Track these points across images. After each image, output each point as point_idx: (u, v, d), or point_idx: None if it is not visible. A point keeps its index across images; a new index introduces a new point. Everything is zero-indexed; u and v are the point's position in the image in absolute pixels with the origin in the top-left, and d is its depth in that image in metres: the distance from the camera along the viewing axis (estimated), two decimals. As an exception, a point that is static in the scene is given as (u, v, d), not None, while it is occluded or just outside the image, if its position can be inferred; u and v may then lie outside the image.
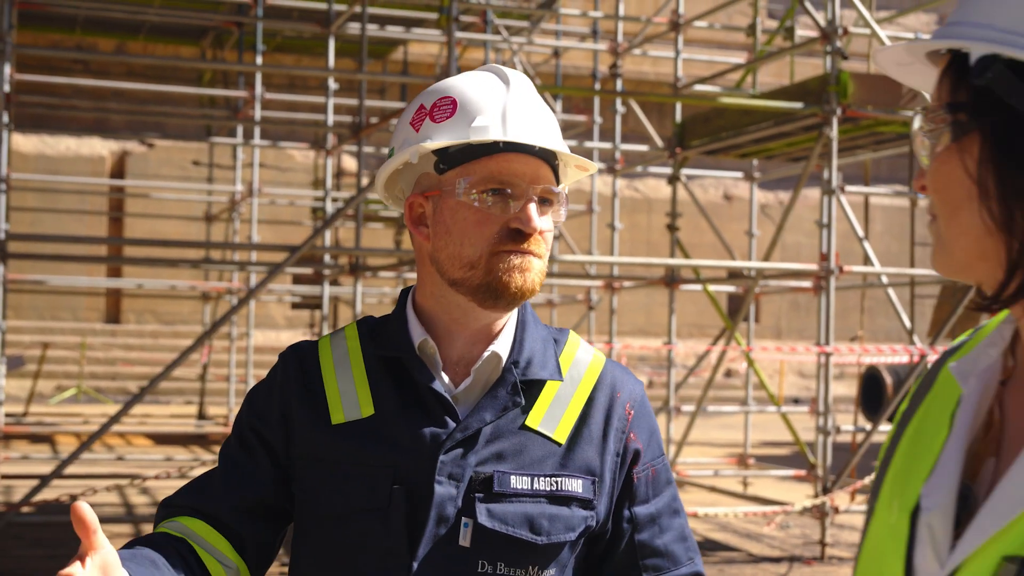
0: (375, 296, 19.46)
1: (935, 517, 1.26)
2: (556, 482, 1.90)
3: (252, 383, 8.81)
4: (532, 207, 1.87)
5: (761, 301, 27.68)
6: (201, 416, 18.44)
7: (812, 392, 25.67)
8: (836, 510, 9.46)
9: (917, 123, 1.29)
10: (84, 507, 1.58)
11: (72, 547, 1.74)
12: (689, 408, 11.87)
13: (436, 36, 14.67)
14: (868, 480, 10.08)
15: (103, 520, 9.54)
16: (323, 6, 12.08)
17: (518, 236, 1.87)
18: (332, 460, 1.89)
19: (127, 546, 1.83)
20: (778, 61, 11.47)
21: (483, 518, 1.85)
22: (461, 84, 1.95)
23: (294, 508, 1.97)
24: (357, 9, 10.78)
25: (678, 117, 11.57)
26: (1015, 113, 1.18)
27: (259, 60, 13.78)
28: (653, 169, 14.16)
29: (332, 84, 11.31)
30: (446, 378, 1.93)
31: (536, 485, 1.88)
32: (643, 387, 2.03)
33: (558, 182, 1.95)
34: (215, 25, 15.35)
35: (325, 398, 1.94)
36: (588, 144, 13.02)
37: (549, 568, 1.90)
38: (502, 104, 1.90)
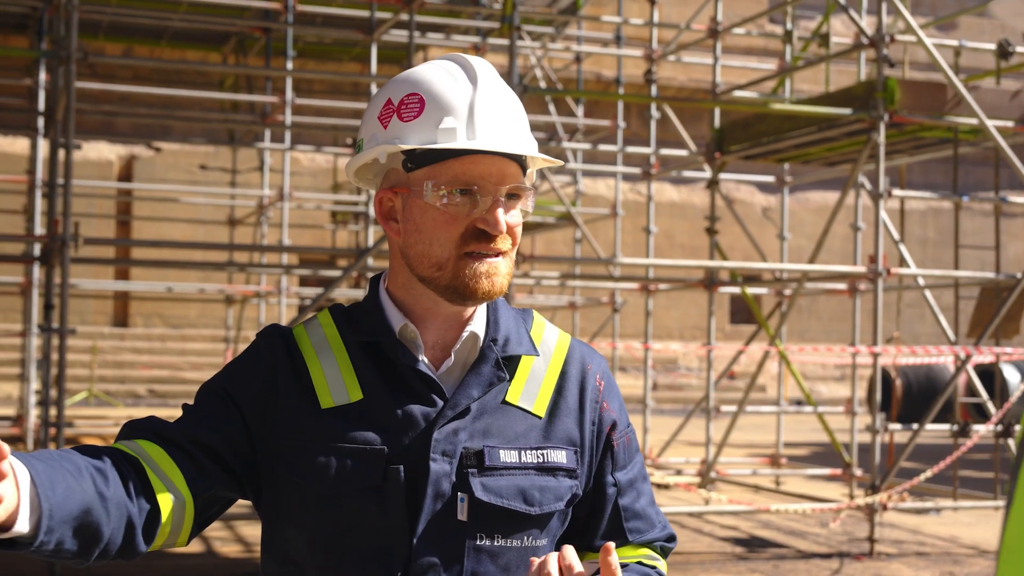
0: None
1: None
2: (542, 454, 1.95)
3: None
4: (499, 210, 1.90)
5: (763, 303, 27.89)
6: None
7: (814, 394, 25.88)
8: (884, 508, 9.65)
9: None
10: None
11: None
12: (730, 409, 12.03)
13: (459, 42, 14.81)
14: (918, 480, 10.27)
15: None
16: (364, 13, 12.19)
17: (484, 236, 1.90)
18: (324, 442, 1.90)
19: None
20: (812, 67, 11.63)
21: (479, 492, 1.89)
22: (428, 79, 1.95)
23: (270, 484, 1.96)
24: (404, 17, 10.91)
25: (716, 122, 11.73)
26: None
27: (289, 65, 13.89)
28: (664, 173, 14.32)
29: (375, 90, 11.41)
30: (427, 360, 1.97)
31: (524, 458, 1.94)
32: (607, 362, 2.12)
33: (525, 171, 1.98)
34: (238, 30, 15.45)
35: (311, 383, 1.95)
36: (629, 149, 13.16)
37: (542, 537, 1.96)
38: (469, 103, 1.91)
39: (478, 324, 2.00)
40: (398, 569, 1.87)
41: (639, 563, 2.04)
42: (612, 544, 1.78)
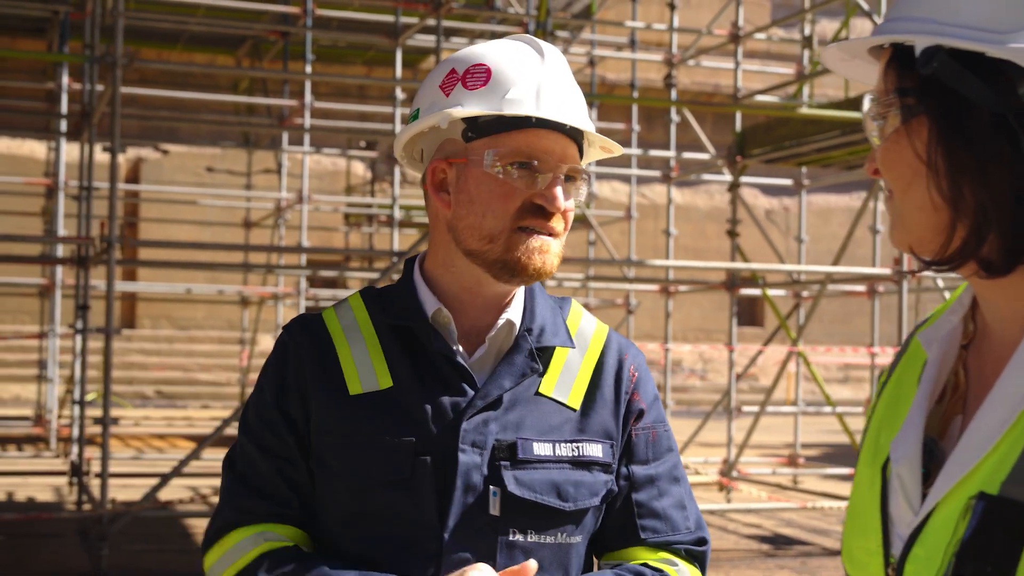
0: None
1: (903, 468, 1.36)
2: (577, 447, 1.90)
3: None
4: (559, 187, 1.87)
5: (765, 305, 28.07)
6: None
7: (816, 395, 26.04)
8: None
9: (866, 107, 1.45)
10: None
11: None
12: (752, 409, 12.20)
13: (460, 43, 14.95)
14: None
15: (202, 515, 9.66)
16: (389, 18, 12.33)
17: (541, 212, 1.86)
18: (352, 431, 1.87)
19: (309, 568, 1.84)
20: (829, 72, 11.79)
21: (512, 486, 1.85)
22: (496, 53, 1.93)
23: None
24: (430, 22, 11.05)
25: (737, 127, 11.90)
26: (960, 96, 1.29)
27: (308, 69, 14.02)
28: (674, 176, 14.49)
29: (400, 94, 11.57)
30: (460, 347, 1.92)
31: (558, 451, 1.89)
32: (644, 356, 2.08)
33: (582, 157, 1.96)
34: (254, 34, 15.58)
35: (340, 368, 1.91)
36: (653, 153, 13.32)
37: (576, 534, 1.91)
38: (537, 78, 1.88)
39: (514, 311, 1.96)
40: (430, 564, 1.82)
41: (645, 565, 1.94)
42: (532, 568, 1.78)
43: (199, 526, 9.52)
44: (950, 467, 1.29)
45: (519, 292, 1.98)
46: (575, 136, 1.91)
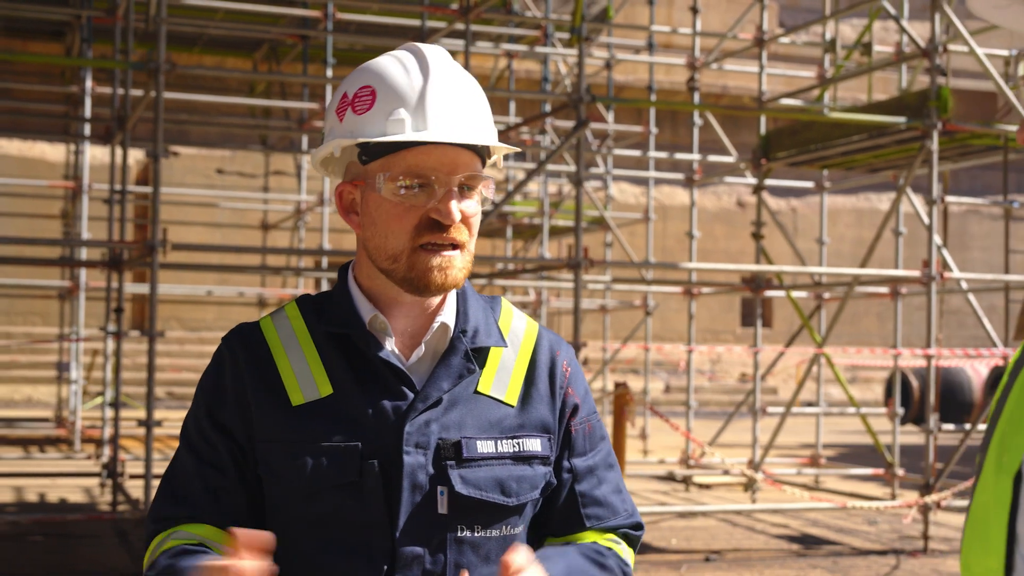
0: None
1: None
2: (517, 443, 1.96)
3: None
4: (452, 201, 1.89)
5: (774, 306, 28.19)
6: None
7: (827, 397, 26.09)
8: (939, 506, 9.92)
9: (1022, 69, 1.30)
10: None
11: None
12: (777, 410, 12.29)
13: (488, 49, 15.04)
14: (969, 484, 10.55)
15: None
16: (415, 22, 12.41)
17: (438, 226, 1.89)
18: (297, 440, 1.90)
19: (185, 557, 1.85)
20: (854, 75, 11.90)
21: (459, 485, 1.90)
22: (381, 71, 1.94)
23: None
24: (459, 27, 11.14)
25: (762, 130, 12.00)
26: None
27: (329, 73, 14.09)
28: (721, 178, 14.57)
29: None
30: (397, 351, 1.97)
31: (500, 448, 1.94)
32: (574, 350, 2.15)
33: (484, 158, 1.97)
34: (271, 38, 15.64)
35: (280, 379, 1.94)
36: (679, 156, 13.41)
37: (519, 525, 1.98)
38: (420, 93, 1.90)
39: (448, 314, 2.00)
40: (383, 562, 1.87)
41: (593, 542, 2.03)
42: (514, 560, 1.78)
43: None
44: None
45: (450, 295, 2.02)
46: (467, 143, 1.91)
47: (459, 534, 1.90)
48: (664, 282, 13.89)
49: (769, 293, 12.01)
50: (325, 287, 15.51)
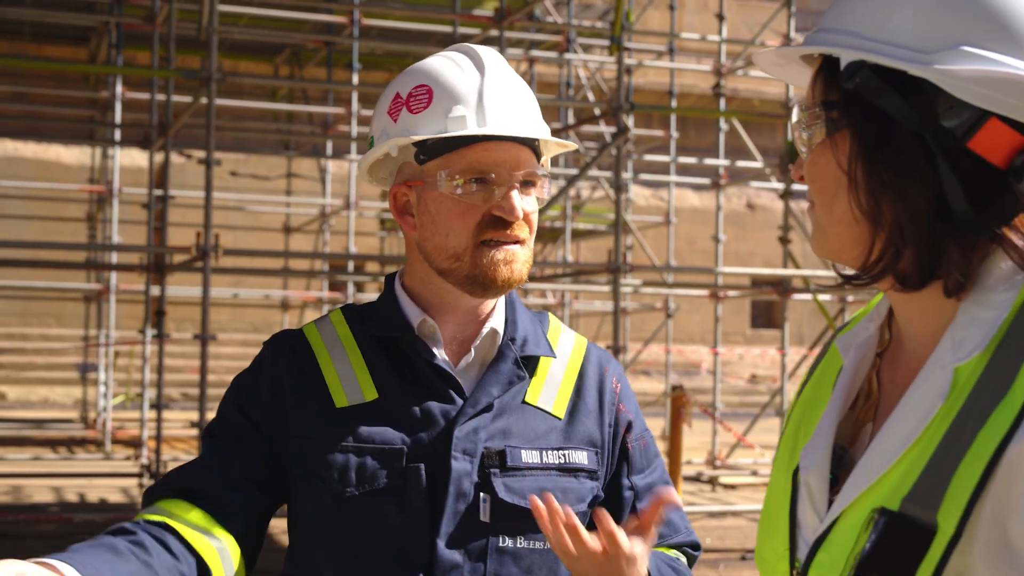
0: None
1: (812, 476, 1.37)
2: (563, 455, 1.94)
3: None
4: (514, 194, 1.89)
5: (778, 308, 28.35)
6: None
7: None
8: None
9: (795, 117, 1.38)
10: None
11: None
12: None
13: (512, 54, 15.20)
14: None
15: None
16: (447, 29, 12.57)
17: (501, 223, 1.88)
18: (341, 443, 1.87)
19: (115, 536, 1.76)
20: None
21: (502, 493, 1.87)
22: (436, 70, 1.94)
23: (288, 486, 1.93)
24: (493, 33, 11.29)
25: (788, 135, 12.18)
26: (882, 113, 1.28)
27: (355, 79, 14.24)
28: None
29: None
30: (446, 356, 1.95)
31: (545, 459, 1.92)
32: (622, 367, 2.13)
33: (539, 158, 1.97)
34: (293, 43, 15.79)
35: (324, 383, 1.92)
36: (708, 161, 13.58)
37: None
38: (478, 91, 1.90)
39: (497, 321, 1.99)
40: (419, 570, 1.85)
41: (663, 552, 2.03)
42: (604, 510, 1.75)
43: (278, 525, 9.74)
44: (856, 476, 1.29)
45: (499, 302, 2.01)
46: (527, 140, 1.93)
47: (501, 543, 1.88)
48: (690, 285, 14.07)
49: (797, 296, 12.19)
50: (351, 291, 15.68)
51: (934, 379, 1.27)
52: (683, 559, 2.06)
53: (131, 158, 25.55)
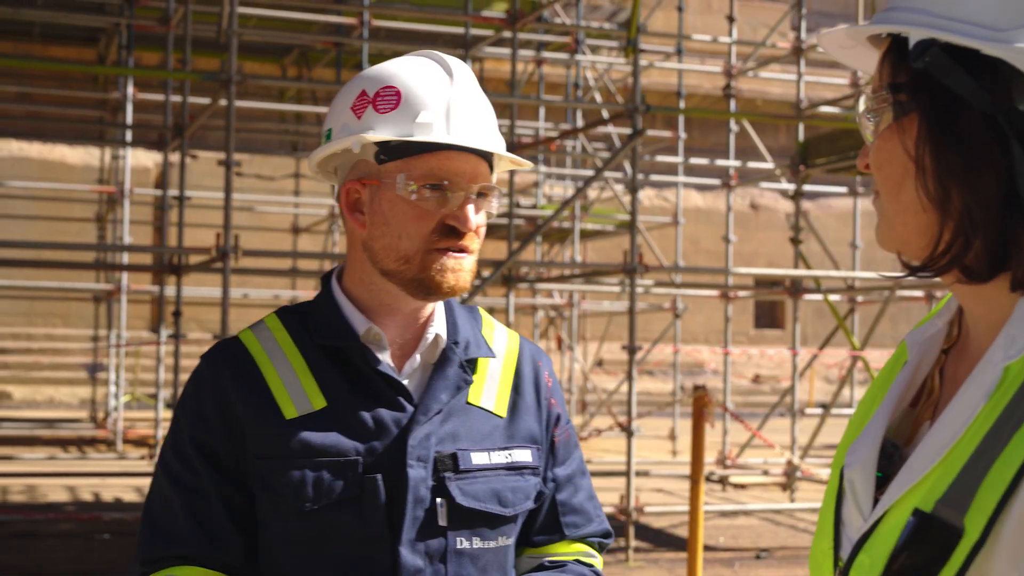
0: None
1: (855, 473, 1.34)
2: (509, 454, 1.97)
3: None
4: (470, 207, 1.91)
5: (785, 307, 28.42)
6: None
7: (826, 398, 26.31)
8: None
9: (862, 104, 1.33)
10: None
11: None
12: (816, 412, 12.53)
13: (526, 55, 15.24)
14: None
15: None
16: (459, 31, 12.60)
17: (454, 232, 1.90)
18: (293, 455, 1.87)
19: None
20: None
21: (458, 496, 1.90)
22: (405, 74, 1.95)
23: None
24: (506, 34, 11.34)
25: (800, 136, 12.23)
26: (952, 94, 1.21)
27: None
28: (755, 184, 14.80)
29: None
30: (391, 362, 1.96)
31: (493, 459, 1.95)
32: (552, 360, 2.15)
33: (492, 171, 1.99)
34: (302, 44, 15.81)
35: (270, 393, 1.90)
36: (719, 162, 13.63)
37: (511, 536, 1.99)
38: (446, 100, 1.91)
39: (439, 325, 2.00)
40: None
41: (576, 561, 2.07)
42: None
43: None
44: (903, 475, 1.26)
45: (438, 306, 2.03)
46: (485, 153, 1.95)
47: (459, 546, 1.90)
48: (700, 285, 14.12)
49: (808, 297, 12.24)
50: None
51: (984, 377, 1.22)
52: (596, 557, 2.11)
53: (136, 159, 25.60)
